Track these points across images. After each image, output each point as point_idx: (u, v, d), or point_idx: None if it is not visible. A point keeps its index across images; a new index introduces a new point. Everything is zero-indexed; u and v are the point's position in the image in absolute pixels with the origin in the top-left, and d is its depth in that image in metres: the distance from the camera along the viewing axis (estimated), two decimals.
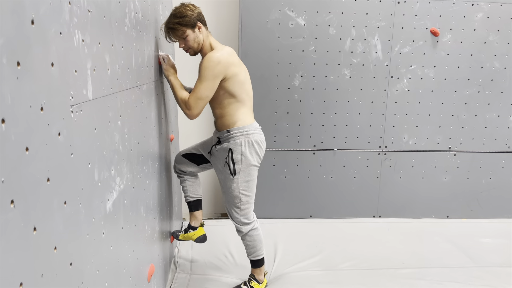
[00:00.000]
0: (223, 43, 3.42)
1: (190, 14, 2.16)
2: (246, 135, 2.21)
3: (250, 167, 2.23)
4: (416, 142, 3.41)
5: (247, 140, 2.20)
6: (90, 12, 1.12)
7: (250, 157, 2.20)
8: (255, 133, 2.24)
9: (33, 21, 0.78)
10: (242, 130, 2.20)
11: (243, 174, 2.22)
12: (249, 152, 2.20)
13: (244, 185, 2.24)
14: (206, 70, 2.11)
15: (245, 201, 2.28)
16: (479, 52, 3.29)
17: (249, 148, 2.20)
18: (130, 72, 1.59)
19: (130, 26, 1.60)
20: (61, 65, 0.90)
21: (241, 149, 2.19)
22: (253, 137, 2.21)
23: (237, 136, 2.20)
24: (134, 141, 1.64)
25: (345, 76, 3.28)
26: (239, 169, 2.20)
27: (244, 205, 2.29)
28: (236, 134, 2.20)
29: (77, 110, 1.00)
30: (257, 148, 2.24)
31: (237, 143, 2.19)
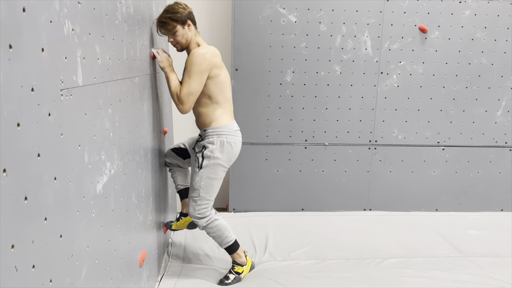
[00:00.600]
0: (216, 39, 3.51)
1: (182, 11, 2.28)
2: (219, 135, 2.31)
3: (217, 166, 2.30)
4: (406, 136, 3.48)
5: (220, 140, 2.30)
6: (80, 4, 1.19)
7: (219, 156, 2.30)
8: (229, 134, 2.33)
9: (24, 8, 0.85)
10: (216, 130, 2.32)
11: (208, 170, 2.30)
12: (219, 151, 2.29)
13: (207, 181, 2.30)
14: (194, 65, 2.21)
15: (203, 197, 2.32)
16: (466, 49, 3.37)
17: (220, 147, 2.30)
18: (121, 64, 1.66)
19: (121, 19, 1.67)
20: (51, 51, 0.98)
21: (212, 147, 2.30)
22: (226, 137, 2.31)
23: (211, 135, 2.32)
24: (125, 130, 1.71)
25: (335, 72, 3.35)
26: (206, 165, 2.29)
27: (201, 201, 2.33)
28: (210, 133, 2.33)
29: (67, 94, 1.07)
30: (229, 149, 2.32)
31: (210, 141, 2.31)
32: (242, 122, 3.37)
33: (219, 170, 2.33)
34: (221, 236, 2.42)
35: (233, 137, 2.35)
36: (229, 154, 2.33)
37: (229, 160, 2.35)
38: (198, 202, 2.33)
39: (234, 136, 2.35)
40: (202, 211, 2.35)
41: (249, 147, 3.42)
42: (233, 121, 2.41)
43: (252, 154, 3.43)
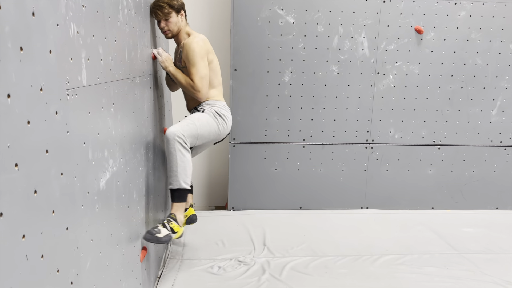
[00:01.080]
0: (215, 40, 3.56)
1: (177, 0, 2.46)
2: (213, 106, 2.53)
3: (212, 122, 2.47)
4: (402, 136, 3.54)
5: (213, 109, 2.51)
6: (84, 7, 1.24)
7: (214, 120, 2.50)
8: (222, 109, 2.54)
9: (33, 13, 0.90)
10: (210, 103, 2.54)
11: (207, 116, 2.47)
12: (213, 118, 2.49)
13: (203, 120, 2.42)
14: (194, 53, 2.41)
15: (194, 125, 2.36)
16: (462, 49, 3.42)
17: (214, 115, 2.49)
18: (122, 64, 1.71)
19: (123, 21, 1.73)
20: (58, 53, 1.03)
21: (208, 111, 2.51)
22: (218, 109, 2.52)
23: (205, 106, 2.53)
24: (127, 129, 1.76)
25: (333, 72, 3.41)
26: (207, 112, 2.49)
27: (191, 126, 2.34)
28: (205, 105, 2.54)
29: (72, 94, 1.13)
30: (219, 119, 2.50)
31: (205, 110, 2.51)
32: (240, 121, 3.43)
33: (213, 126, 2.45)
34: (184, 172, 2.26)
35: (225, 112, 2.54)
36: (221, 124, 2.49)
37: (221, 129, 2.50)
38: (190, 125, 2.35)
39: (225, 111, 2.55)
40: (186, 134, 2.29)
41: (247, 146, 3.47)
42: (224, 101, 2.63)
43: (251, 153, 3.48)
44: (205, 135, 2.42)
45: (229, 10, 3.52)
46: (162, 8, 2.40)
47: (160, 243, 2.11)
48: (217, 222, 3.27)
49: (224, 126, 2.53)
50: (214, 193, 4.08)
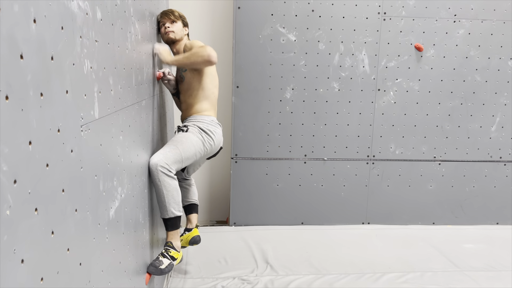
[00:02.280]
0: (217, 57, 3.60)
1: (184, 17, 2.62)
2: (199, 122, 2.48)
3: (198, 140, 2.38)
4: (403, 151, 3.56)
5: (198, 126, 2.45)
6: (97, 42, 1.27)
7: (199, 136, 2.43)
8: (208, 123, 2.48)
9: (52, 57, 0.92)
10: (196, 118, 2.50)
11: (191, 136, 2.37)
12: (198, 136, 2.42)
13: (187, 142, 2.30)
14: (199, 42, 2.44)
15: (177, 150, 2.24)
16: (461, 66, 3.47)
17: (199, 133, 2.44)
18: (130, 90, 1.73)
19: (130, 48, 1.75)
20: (73, 92, 1.05)
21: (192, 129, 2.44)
22: (203, 125, 2.45)
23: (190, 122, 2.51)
24: (134, 153, 1.78)
25: (334, 89, 3.44)
26: (191, 131, 2.40)
27: (174, 151, 2.22)
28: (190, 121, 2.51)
29: (86, 129, 1.14)
30: (205, 137, 2.42)
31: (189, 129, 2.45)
32: (242, 137, 3.45)
33: (198, 145, 2.35)
34: (173, 200, 2.16)
35: (212, 127, 2.45)
36: (207, 141, 2.40)
37: (207, 147, 2.41)
38: (173, 151, 2.22)
39: (213, 126, 2.46)
40: (170, 162, 2.16)
41: (249, 162, 3.49)
42: (215, 116, 2.56)
43: (253, 169, 3.50)
44: (191, 156, 2.32)
45: (231, 28, 3.56)
46: (173, 13, 2.52)
47: (164, 274, 2.18)
48: (219, 239, 3.28)
49: (210, 143, 2.41)
50: (215, 207, 4.09)
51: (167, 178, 2.15)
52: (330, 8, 3.32)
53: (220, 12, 3.72)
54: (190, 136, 2.36)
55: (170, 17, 2.51)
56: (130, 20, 1.75)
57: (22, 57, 0.79)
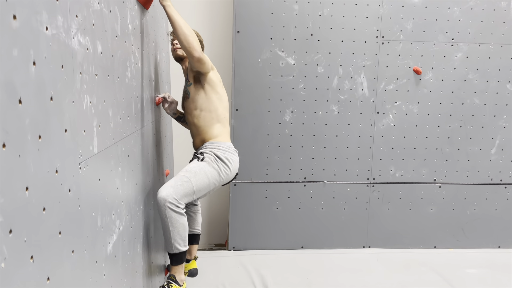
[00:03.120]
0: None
1: (197, 33, 2.44)
2: (216, 149, 2.35)
3: (214, 170, 2.24)
4: (403, 174, 3.54)
5: (215, 154, 2.32)
6: (97, 76, 1.26)
7: (216, 166, 2.28)
8: (227, 151, 2.35)
9: (52, 97, 0.91)
10: (213, 144, 2.36)
11: (207, 166, 2.23)
12: (214, 165, 2.29)
13: (202, 173, 2.17)
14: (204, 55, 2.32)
15: (190, 183, 2.11)
16: (459, 89, 3.48)
17: (215, 161, 2.31)
18: (130, 120, 1.72)
19: (130, 77, 1.74)
20: (72, 129, 1.03)
21: (209, 156, 2.30)
22: (220, 152, 2.32)
23: (208, 148, 2.37)
24: (132, 183, 1.75)
25: (333, 112, 3.44)
26: (207, 161, 2.26)
27: (187, 185, 2.09)
28: (207, 146, 2.38)
29: (84, 166, 1.12)
30: (221, 165, 2.29)
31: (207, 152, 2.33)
32: (242, 160, 3.42)
33: (213, 176, 2.20)
34: (179, 236, 2.07)
35: (230, 154, 2.31)
36: (223, 170, 2.25)
37: (223, 176, 2.26)
38: (184, 184, 2.07)
39: (230, 153, 2.32)
40: (179, 196, 2.04)
41: (248, 185, 3.46)
42: (230, 142, 2.41)
43: (252, 192, 3.47)
44: (204, 188, 2.18)
45: (230, 51, 3.57)
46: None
47: None
48: (218, 264, 3.22)
49: (227, 172, 2.27)
50: (214, 230, 4.04)
51: (174, 214, 2.03)
52: (329, 32, 3.34)
53: (220, 36, 3.74)
54: (205, 167, 2.20)
55: None
56: (130, 49, 1.75)
57: (21, 101, 0.77)
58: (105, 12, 1.34)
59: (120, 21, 1.56)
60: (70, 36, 1.02)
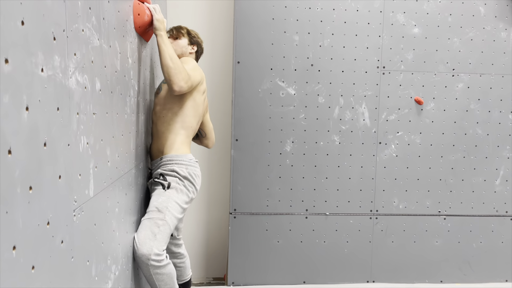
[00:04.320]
0: (216, 112, 3.56)
1: (196, 35, 2.42)
2: (178, 165, 2.14)
3: (184, 194, 2.07)
4: (406, 206, 3.46)
5: (178, 175, 2.11)
6: (95, 114, 1.20)
7: (183, 187, 2.10)
8: (187, 164, 2.16)
9: (45, 143, 0.84)
10: (173, 159, 2.14)
11: (176, 193, 2.03)
12: (181, 188, 2.10)
13: (175, 205, 1.98)
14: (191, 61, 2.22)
15: (168, 223, 1.91)
16: (462, 120, 3.44)
17: (181, 182, 2.11)
18: (128, 156, 1.65)
19: (129, 112, 1.69)
20: (67, 175, 0.96)
21: (172, 178, 2.10)
22: (183, 170, 2.12)
23: (168, 166, 2.15)
24: (129, 222, 1.67)
25: (334, 142, 3.38)
26: (174, 187, 2.04)
27: (165, 227, 1.88)
28: (167, 165, 2.15)
29: (79, 213, 1.04)
30: (187, 184, 2.11)
31: (170, 169, 2.11)
32: (241, 191, 3.35)
33: (183, 199, 2.02)
34: (166, 286, 1.88)
35: (192, 167, 2.11)
36: (191, 189, 2.08)
37: (191, 194, 2.08)
38: (162, 228, 1.86)
39: (193, 166, 2.12)
40: (161, 246, 1.84)
41: (248, 217, 3.36)
42: (190, 151, 2.21)
43: (252, 224, 3.37)
44: (179, 218, 2.00)
45: (230, 81, 3.55)
46: (178, 29, 2.37)
47: None
48: None
49: (194, 189, 2.09)
50: (212, 263, 3.91)
51: (160, 270, 1.83)
52: (329, 63, 3.33)
53: (220, 66, 3.72)
54: (173, 195, 1.98)
55: (173, 33, 2.35)
56: (130, 83, 1.70)
57: (10, 152, 0.71)
58: (104, 48, 1.30)
59: (120, 55, 1.52)
60: (67, 76, 0.97)
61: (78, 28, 1.04)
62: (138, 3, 1.83)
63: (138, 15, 1.80)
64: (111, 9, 1.38)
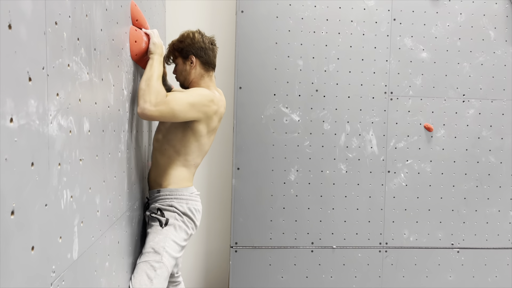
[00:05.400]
0: (217, 138, 3.40)
1: (189, 42, 1.92)
2: (177, 200, 1.96)
3: (183, 231, 1.90)
4: (417, 238, 3.28)
5: (177, 211, 1.92)
6: (82, 160, 1.03)
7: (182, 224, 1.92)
8: (187, 198, 1.97)
9: (13, 211, 0.68)
10: (173, 193, 1.95)
11: (174, 231, 1.86)
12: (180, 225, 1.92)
13: (172, 244, 1.82)
14: (196, 92, 1.86)
15: (165, 264, 1.76)
16: (473, 147, 3.29)
17: (180, 219, 1.93)
18: (121, 198, 1.48)
19: (124, 149, 1.52)
20: (43, 243, 0.79)
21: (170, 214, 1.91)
22: (183, 205, 1.94)
23: (168, 199, 1.96)
24: (122, 273, 1.49)
25: (341, 170, 3.22)
26: (172, 223, 1.87)
27: (162, 270, 1.74)
28: (166, 200, 1.95)
29: (58, 284, 0.87)
30: (186, 220, 1.94)
31: (168, 204, 1.93)
32: (243, 223, 3.16)
33: (182, 237, 1.84)
34: None
35: (193, 202, 1.92)
36: (190, 226, 1.90)
37: (191, 230, 1.90)
38: (158, 271, 1.70)
39: (193, 200, 1.93)
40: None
41: (250, 251, 3.17)
42: (192, 184, 2.01)
43: (254, 259, 3.17)
44: (177, 257, 1.85)
45: (232, 107, 3.40)
46: (170, 51, 1.98)
47: None
48: None
49: (193, 225, 1.92)
50: None
51: None
52: (335, 88, 3.19)
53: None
54: (171, 233, 1.81)
55: (169, 56, 1.98)
56: (125, 117, 1.54)
57: None
58: (95, 82, 1.14)
59: (114, 88, 1.36)
60: (46, 122, 0.81)
61: (62, 64, 0.89)
62: (135, 29, 1.68)
63: (135, 42, 1.66)
64: (104, 38, 1.23)
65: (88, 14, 1.07)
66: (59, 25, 0.86)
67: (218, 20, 3.49)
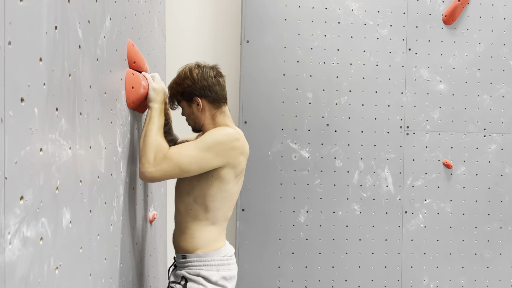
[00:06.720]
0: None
1: (188, 84, 1.62)
2: (206, 266, 1.69)
3: None
4: (438, 285, 3.02)
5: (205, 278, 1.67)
6: (59, 267, 0.78)
7: None
8: (218, 262, 1.69)
9: None
10: (201, 258, 1.68)
11: None
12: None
13: None
14: (214, 137, 1.57)
15: None
16: (496, 185, 3.07)
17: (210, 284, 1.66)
18: (113, 281, 1.23)
19: (116, 219, 1.27)
20: None
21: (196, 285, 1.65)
22: (213, 273, 1.67)
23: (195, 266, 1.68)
24: None
25: (355, 211, 2.98)
26: None
27: None
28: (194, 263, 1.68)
29: None
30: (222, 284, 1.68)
31: (195, 273, 1.66)
32: (248, 270, 2.90)
33: None
34: None
35: (226, 267, 1.63)
36: None
37: None
38: None
39: (226, 263, 1.64)
40: None
41: None
42: (225, 243, 1.70)
43: None
44: None
45: None
46: (170, 96, 1.70)
47: None
48: None
49: None
50: None
51: None
52: (347, 122, 2.98)
53: None
54: None
55: (172, 100, 1.70)
56: (119, 179, 1.30)
57: None
58: (81, 154, 0.90)
59: (105, 151, 1.12)
60: (2, 247, 0.56)
61: (31, 151, 0.65)
62: (133, 72, 1.46)
63: (132, 88, 1.43)
64: (93, 95, 1.00)
65: (72, 73, 0.84)
66: (26, 101, 0.63)
67: (221, 51, 3.28)
